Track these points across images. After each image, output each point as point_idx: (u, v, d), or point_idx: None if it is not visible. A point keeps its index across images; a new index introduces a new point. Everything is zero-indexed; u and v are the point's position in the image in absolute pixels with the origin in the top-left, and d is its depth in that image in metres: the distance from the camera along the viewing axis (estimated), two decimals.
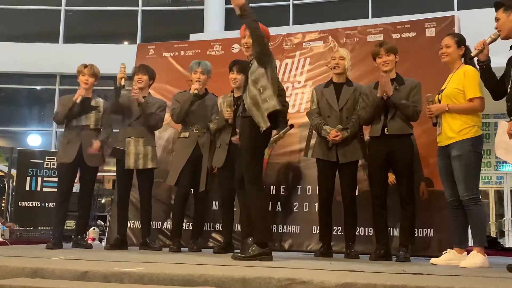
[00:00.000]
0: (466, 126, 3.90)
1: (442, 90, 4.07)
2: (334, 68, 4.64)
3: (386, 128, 4.32)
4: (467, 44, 4.14)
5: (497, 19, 3.68)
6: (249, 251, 3.71)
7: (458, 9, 10.35)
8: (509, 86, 3.52)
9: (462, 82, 3.94)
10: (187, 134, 5.04)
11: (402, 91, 4.35)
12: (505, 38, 3.66)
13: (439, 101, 4.06)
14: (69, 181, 5.27)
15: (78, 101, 5.08)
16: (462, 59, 4.10)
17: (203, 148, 4.99)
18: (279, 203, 5.33)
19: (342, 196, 4.62)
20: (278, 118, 3.94)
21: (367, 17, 11.42)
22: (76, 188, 5.56)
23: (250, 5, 3.81)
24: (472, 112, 3.93)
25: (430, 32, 5.19)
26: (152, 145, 5.20)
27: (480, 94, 3.90)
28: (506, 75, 3.60)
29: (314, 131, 4.75)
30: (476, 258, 3.68)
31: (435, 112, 4.04)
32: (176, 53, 6.09)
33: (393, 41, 5.12)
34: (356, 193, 4.73)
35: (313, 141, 4.81)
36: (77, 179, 5.44)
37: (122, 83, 5.02)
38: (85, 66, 5.32)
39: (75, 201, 5.50)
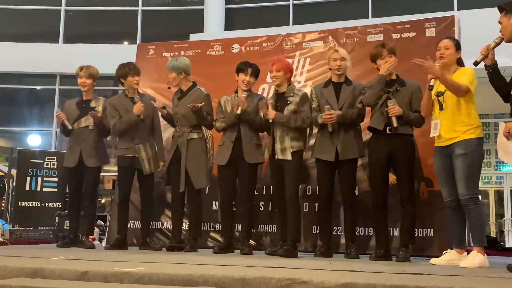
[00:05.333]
0: (471, 127, 3.90)
1: (442, 92, 4.02)
2: (338, 69, 4.62)
3: (388, 128, 4.32)
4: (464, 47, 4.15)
5: (500, 23, 3.69)
6: (285, 247, 4.41)
7: (458, 9, 10.34)
8: None
9: (462, 78, 3.93)
10: (172, 136, 5.08)
11: (402, 92, 4.36)
12: (508, 41, 3.68)
13: (439, 102, 4.03)
14: (76, 182, 5.37)
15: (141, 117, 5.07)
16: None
17: (182, 148, 4.96)
18: None
19: (342, 196, 4.62)
20: None
21: (367, 17, 11.40)
22: None
23: (251, 5, 3.87)
24: (456, 91, 3.88)
25: (430, 32, 5.19)
26: (154, 147, 5.25)
27: (470, 86, 3.88)
28: None
29: (311, 131, 4.77)
30: (476, 258, 3.68)
31: (428, 68, 3.95)
32: (176, 53, 6.07)
33: (393, 41, 5.13)
34: (356, 193, 4.72)
35: (312, 141, 4.81)
36: None
37: (141, 117, 5.06)
38: (81, 68, 5.31)
39: None
